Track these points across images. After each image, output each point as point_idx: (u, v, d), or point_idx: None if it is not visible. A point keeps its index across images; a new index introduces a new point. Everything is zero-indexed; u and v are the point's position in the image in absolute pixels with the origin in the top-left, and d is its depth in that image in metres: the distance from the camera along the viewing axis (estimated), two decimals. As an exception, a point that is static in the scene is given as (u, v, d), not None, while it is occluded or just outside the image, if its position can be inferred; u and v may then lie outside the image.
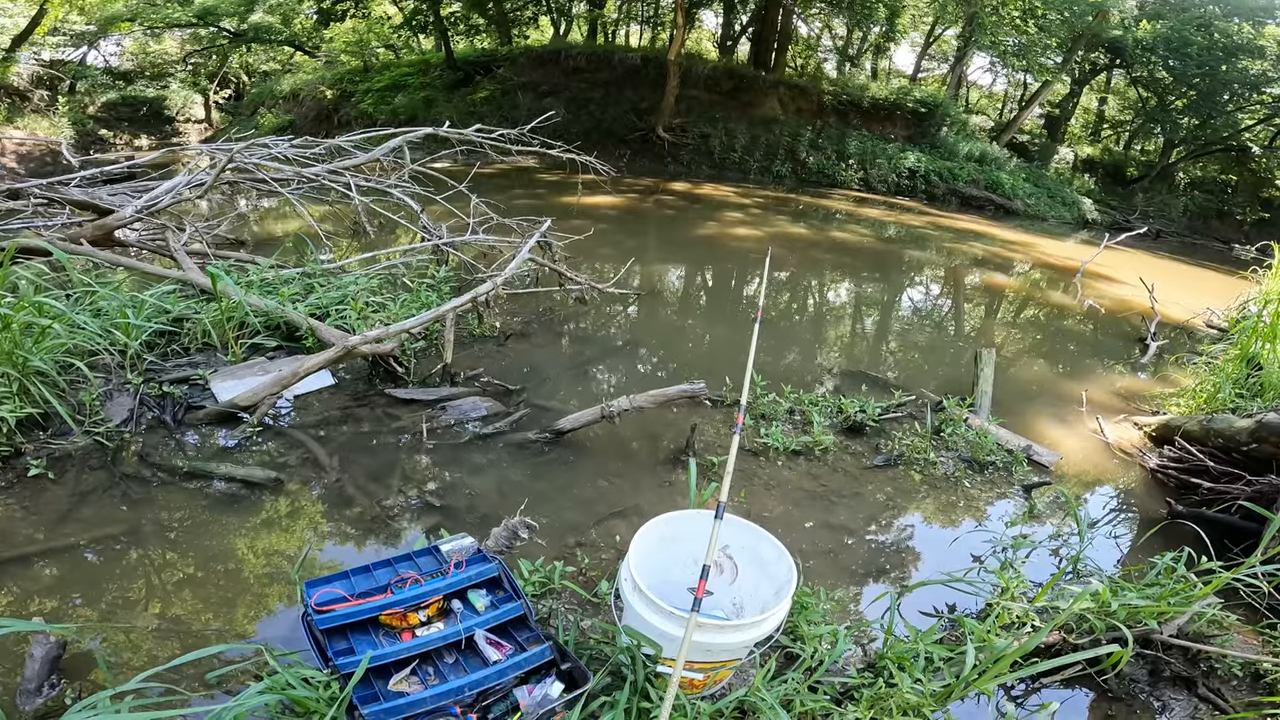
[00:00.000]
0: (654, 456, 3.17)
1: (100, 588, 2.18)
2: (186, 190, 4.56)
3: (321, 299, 3.85)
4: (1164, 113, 22.19)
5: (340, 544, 2.51)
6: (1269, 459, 3.17)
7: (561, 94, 17.78)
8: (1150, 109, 22.99)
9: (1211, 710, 2.14)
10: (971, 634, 2.06)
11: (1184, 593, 2.29)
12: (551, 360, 4.02)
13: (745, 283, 6.90)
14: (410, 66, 21.51)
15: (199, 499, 2.60)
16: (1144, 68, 21.53)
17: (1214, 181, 23.20)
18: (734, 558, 2.11)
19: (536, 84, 18.70)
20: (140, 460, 2.76)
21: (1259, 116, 21.70)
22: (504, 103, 18.09)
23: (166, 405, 3.07)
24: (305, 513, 2.64)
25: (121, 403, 3.03)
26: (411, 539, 2.50)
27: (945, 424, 3.53)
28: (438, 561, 2.08)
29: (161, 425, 2.98)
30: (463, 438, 3.13)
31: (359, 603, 1.86)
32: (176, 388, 3.16)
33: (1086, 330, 6.61)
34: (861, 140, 17.32)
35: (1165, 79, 21.28)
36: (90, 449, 2.76)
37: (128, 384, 3.11)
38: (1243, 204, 22.04)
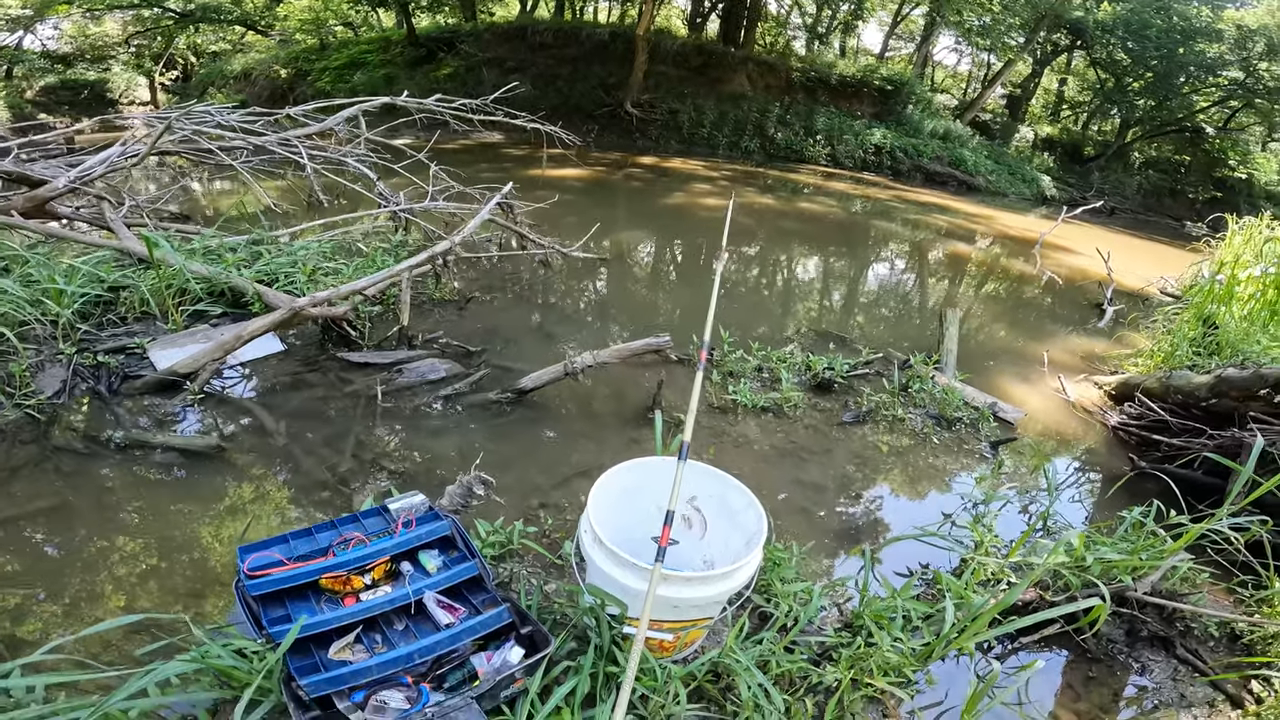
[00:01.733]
0: (620, 414, 3.09)
1: (29, 563, 2.03)
2: (121, 160, 4.29)
3: (269, 265, 3.66)
4: (1121, 94, 22.66)
5: (288, 511, 2.37)
6: (1229, 413, 3.21)
7: (528, 70, 17.44)
8: (1108, 90, 23.45)
9: (1191, 672, 2.12)
10: (949, 590, 2.02)
11: (1155, 548, 2.28)
12: (514, 323, 3.90)
13: (713, 248, 6.82)
14: (370, 44, 20.81)
15: (135, 470, 2.45)
16: (1104, 49, 21.92)
17: (1168, 161, 23.84)
18: (702, 510, 2.02)
19: (502, 60, 18.28)
20: (73, 432, 2.60)
21: (1213, 99, 22.27)
22: (468, 79, 17.68)
23: (102, 375, 2.90)
24: (250, 481, 2.49)
25: (54, 374, 2.86)
26: (361, 496, 2.38)
27: (912, 381, 3.52)
28: (385, 521, 1.96)
29: (96, 396, 2.81)
30: (420, 400, 3.00)
31: (296, 566, 1.73)
32: (112, 357, 2.99)
33: (1046, 297, 6.69)
34: (829, 117, 17.34)
35: (1124, 61, 21.70)
36: (21, 422, 2.59)
37: (60, 354, 2.93)
38: (1195, 183, 22.70)
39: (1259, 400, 3.02)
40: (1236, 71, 20.49)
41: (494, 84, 17.41)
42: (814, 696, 1.78)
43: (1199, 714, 2.00)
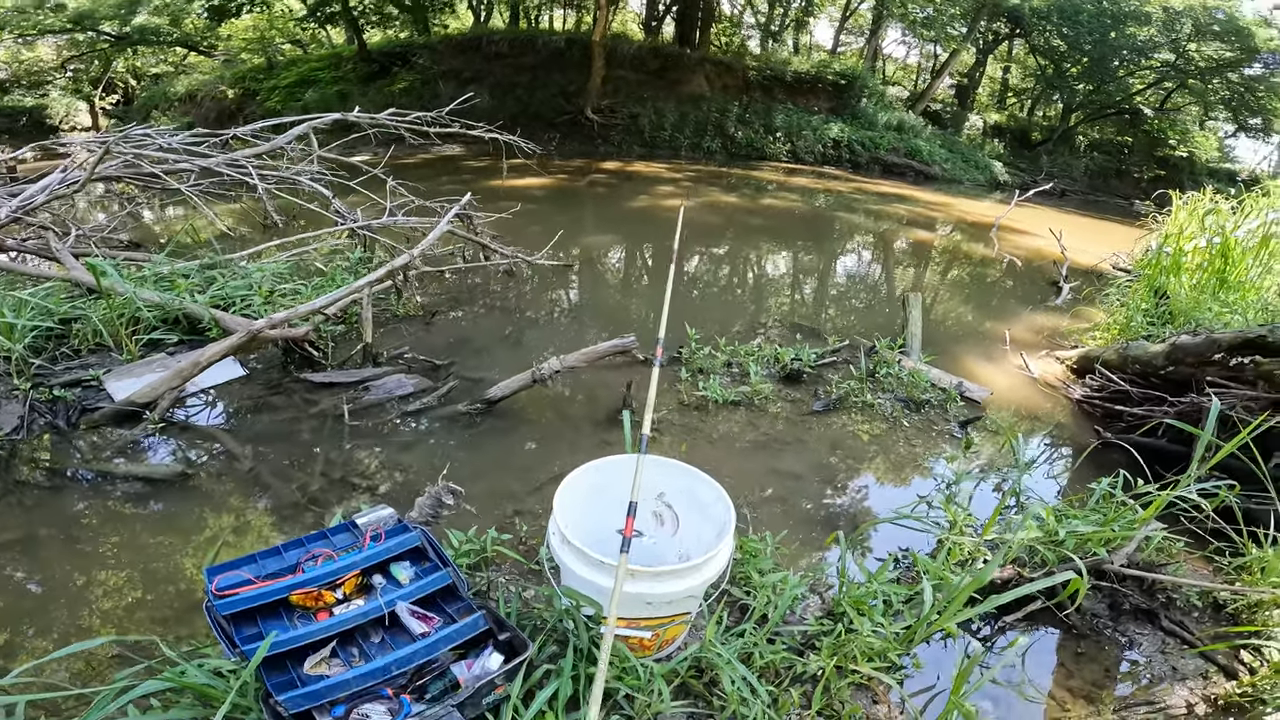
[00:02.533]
0: (592, 417, 3.08)
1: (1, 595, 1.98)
2: (63, 188, 4.16)
3: (224, 289, 3.57)
4: (1061, 79, 23.37)
5: (258, 533, 2.32)
6: (1186, 380, 3.30)
7: (485, 80, 17.32)
8: (1048, 76, 24.17)
9: (1179, 644, 2.14)
10: (926, 571, 2.04)
11: (1126, 518, 2.32)
12: (481, 333, 3.85)
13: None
14: (320, 61, 20.36)
15: (101, 501, 2.39)
16: (1041, 36, 22.59)
17: (1111, 143, 24.63)
18: (673, 506, 2.01)
19: (458, 72, 18.11)
20: (34, 466, 2.54)
21: (1148, 81, 23.06)
22: (424, 93, 17.49)
23: (59, 410, 2.84)
24: (218, 505, 2.44)
25: (10, 410, 2.80)
26: (330, 516, 2.32)
27: (879, 366, 3.56)
28: (354, 536, 1.93)
29: (55, 430, 2.74)
30: (388, 416, 2.96)
31: (265, 584, 1.69)
32: (69, 391, 2.92)
33: (1005, 279, 6.85)
34: (787, 114, 17.55)
35: (1060, 47, 22.39)
36: None
37: (16, 390, 2.86)
38: (1139, 163, 23.48)
39: (1214, 365, 3.11)
40: (1167, 53, 21.27)
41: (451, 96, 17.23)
42: (800, 686, 1.77)
43: (1194, 686, 2.00)
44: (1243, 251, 4.59)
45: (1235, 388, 3.02)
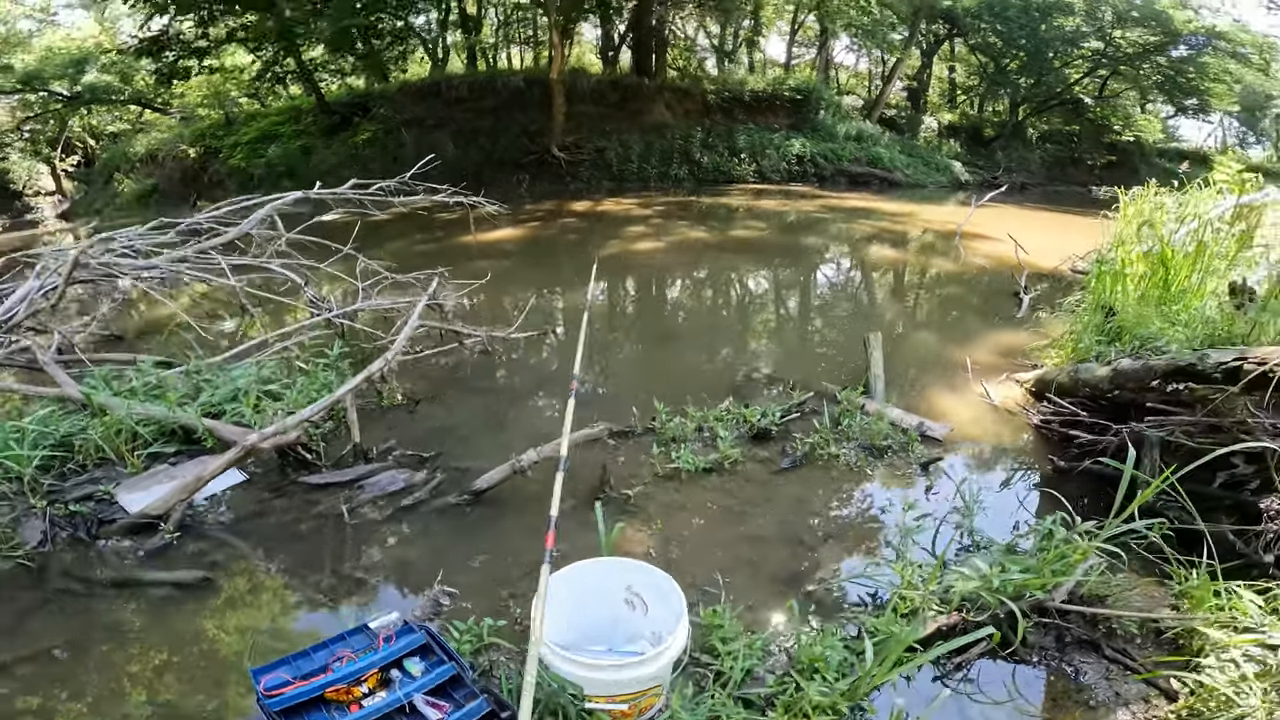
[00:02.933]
0: (574, 496, 3.19)
1: (50, 699, 2.20)
2: (40, 298, 4.26)
3: (213, 397, 3.71)
4: (1002, 75, 24.12)
5: (280, 630, 2.54)
6: (1131, 404, 3.46)
7: (448, 127, 17.49)
8: (990, 73, 24.92)
9: (1123, 670, 2.28)
10: (870, 631, 2.18)
11: (1066, 557, 2.45)
12: (464, 419, 3.98)
13: (646, 301, 7.03)
14: (280, 114, 20.29)
15: (133, 605, 2.62)
16: (977, 34, 23.32)
17: (1060, 133, 25.38)
18: (641, 595, 2.21)
19: (421, 119, 18.23)
20: (67, 576, 2.78)
21: (1083, 70, 23.83)
22: (388, 142, 17.62)
23: (78, 523, 3.07)
24: (241, 605, 2.66)
25: (33, 525, 3.03)
26: (347, 617, 2.54)
27: (843, 415, 3.71)
28: (368, 637, 2.17)
29: (79, 542, 2.98)
30: (385, 512, 3.12)
31: (305, 683, 1.95)
32: (83, 505, 3.14)
33: (968, 293, 7.07)
34: (749, 134, 17.90)
35: (997, 43, 23.15)
36: (15, 572, 2.78)
37: (33, 508, 3.08)
38: (1089, 150, 24.20)
39: (1153, 390, 3.28)
40: (1096, 41, 22.07)
41: (415, 144, 17.46)
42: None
43: (1136, 710, 2.15)
44: (1183, 258, 4.80)
45: (1174, 411, 3.20)
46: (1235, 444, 2.91)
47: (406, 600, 2.62)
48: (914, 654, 2.12)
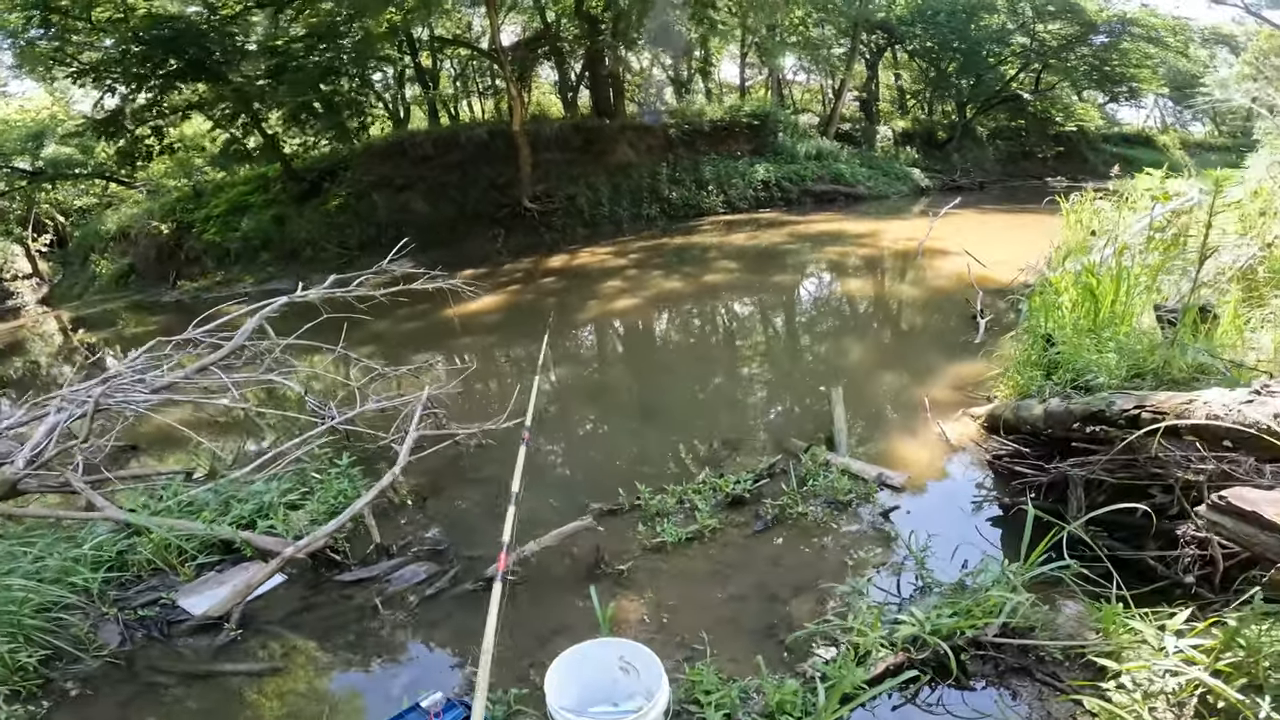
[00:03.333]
0: (574, 575, 3.59)
1: None
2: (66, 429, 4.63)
3: (241, 511, 4.14)
4: (944, 78, 25.10)
5: (345, 707, 3.00)
6: (1064, 440, 3.83)
7: (417, 186, 17.80)
8: (932, 77, 25.87)
9: (1053, 691, 2.59)
10: (823, 675, 2.54)
11: (993, 595, 2.82)
12: (468, 513, 4.38)
13: (625, 370, 7.41)
14: (248, 183, 20.36)
15: (218, 693, 3.09)
16: (914, 40, 24.32)
17: (1009, 129, 26.41)
18: (632, 663, 2.58)
19: (389, 179, 18.47)
20: (154, 670, 3.23)
21: (1017, 66, 24.84)
22: (360, 207, 17.86)
23: (150, 625, 3.51)
24: (308, 689, 3.11)
25: (110, 629, 3.48)
26: (397, 695, 2.90)
27: (808, 475, 4.08)
28: (421, 715, 2.55)
29: (154, 641, 3.43)
30: (412, 602, 3.54)
31: None
32: (149, 610, 3.59)
33: (929, 320, 7.49)
34: (714, 164, 18.45)
35: (933, 48, 24.15)
36: (107, 669, 3.22)
37: (105, 615, 3.52)
38: (1038, 143, 25.19)
39: (1076, 431, 3.68)
40: (1022, 37, 23.16)
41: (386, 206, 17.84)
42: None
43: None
44: (1109, 284, 5.20)
45: (1096, 450, 3.59)
46: (1149, 479, 3.33)
47: (444, 677, 3.05)
48: (861, 692, 2.48)
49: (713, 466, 4.42)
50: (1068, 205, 9.19)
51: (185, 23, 15.41)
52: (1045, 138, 25.03)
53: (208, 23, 15.66)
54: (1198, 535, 3.07)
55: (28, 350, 14.02)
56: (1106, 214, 8.64)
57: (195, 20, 15.60)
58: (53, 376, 10.93)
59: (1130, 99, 27.45)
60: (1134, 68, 23.09)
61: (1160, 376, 3.98)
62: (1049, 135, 25.04)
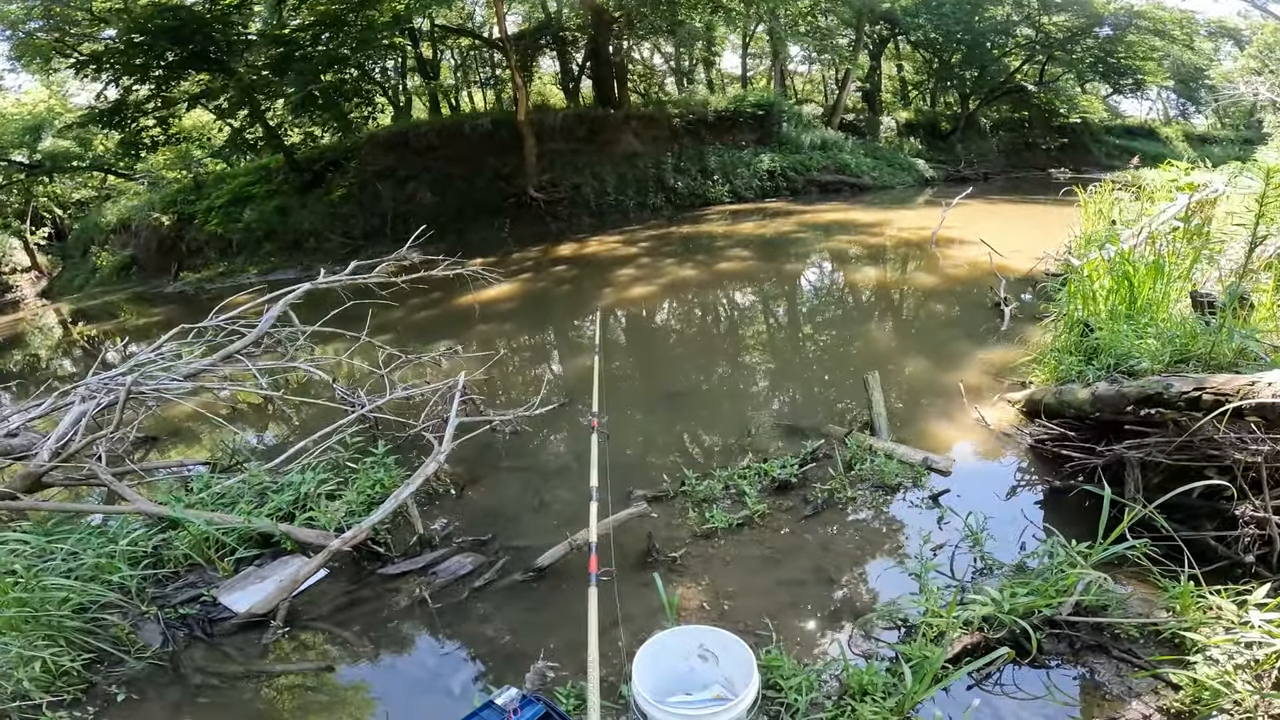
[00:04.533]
0: (625, 563, 3.51)
1: None
2: (92, 419, 4.53)
3: (279, 503, 4.02)
4: (947, 69, 25.09)
5: (406, 706, 2.88)
6: (1113, 423, 3.82)
7: (422, 176, 17.68)
8: (935, 68, 25.83)
9: (1131, 668, 2.58)
10: (906, 656, 2.52)
11: (1069, 571, 2.80)
12: (506, 500, 4.30)
13: (650, 354, 7.37)
14: (249, 174, 20.15)
15: (271, 693, 2.97)
16: (918, 31, 24.28)
17: (1012, 120, 26.45)
18: (712, 650, 2.55)
19: (393, 170, 18.33)
20: (203, 671, 3.10)
21: (1021, 57, 24.82)
22: (364, 197, 17.72)
23: (192, 624, 3.39)
24: (364, 688, 3.02)
25: (151, 629, 3.36)
26: (459, 691, 2.87)
27: (854, 459, 4.05)
28: (498, 712, 2.45)
29: (197, 640, 3.30)
30: (461, 594, 3.44)
31: None
32: (189, 608, 3.47)
33: (952, 308, 7.46)
34: (719, 154, 18.36)
35: (937, 39, 24.12)
36: (151, 671, 3.09)
37: (145, 614, 3.40)
38: (1041, 135, 25.24)
39: (1129, 413, 3.65)
40: (1027, 29, 23.10)
41: (392, 197, 17.71)
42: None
43: (1147, 700, 2.45)
44: (1145, 271, 5.18)
45: (1150, 432, 3.57)
46: (1205, 460, 3.31)
47: (505, 672, 2.93)
48: (946, 671, 2.46)
49: (752, 453, 4.38)
50: (1085, 196, 9.17)
51: (187, 12, 15.22)
52: (1049, 129, 25.06)
53: (210, 12, 15.46)
54: (1256, 515, 3.09)
55: (27, 344, 13.85)
56: (1127, 205, 8.63)
57: (198, 10, 15.40)
58: (52, 370, 10.81)
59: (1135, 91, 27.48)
60: (1140, 60, 23.10)
61: (1205, 362, 3.96)
62: (1052, 127, 25.07)
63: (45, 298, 21.18)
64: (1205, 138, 30.32)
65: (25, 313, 18.69)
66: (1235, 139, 27.42)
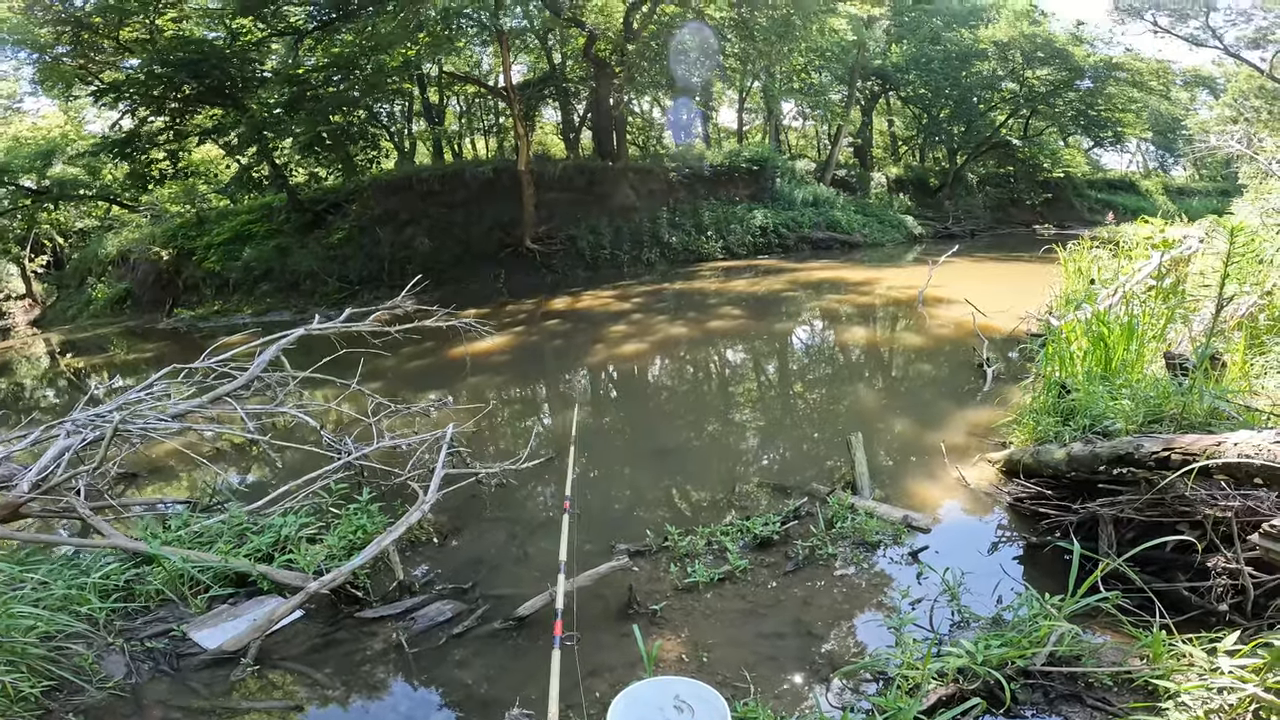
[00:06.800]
0: (606, 615, 3.54)
1: None
2: (75, 453, 4.57)
3: (258, 544, 4.04)
4: (936, 124, 26.00)
5: None
6: (1087, 482, 3.91)
7: (421, 221, 17.95)
8: (925, 124, 26.77)
9: (1106, 716, 2.60)
10: (880, 708, 2.54)
11: (1043, 624, 2.84)
12: (490, 551, 4.31)
13: (640, 412, 7.48)
14: (251, 212, 20.42)
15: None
16: (908, 86, 25.28)
17: (998, 175, 27.29)
18: (688, 701, 2.53)
19: (394, 214, 18.62)
20: (166, 705, 3.06)
21: (1007, 112, 25.73)
22: (364, 240, 17.94)
23: (158, 657, 3.36)
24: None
25: (115, 660, 3.32)
26: None
27: (836, 517, 4.09)
28: None
29: (163, 674, 3.26)
30: (439, 640, 3.43)
31: None
32: (157, 642, 3.44)
33: (936, 369, 7.59)
34: (713, 209, 18.78)
35: (926, 94, 25.07)
36: (111, 702, 3.06)
37: (111, 645, 3.36)
38: (1026, 190, 26.01)
39: (1103, 472, 3.74)
40: (1012, 83, 24.05)
41: (391, 242, 17.99)
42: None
43: None
44: (1119, 333, 5.33)
45: (1122, 490, 3.65)
46: (1176, 516, 3.39)
47: (480, 718, 2.91)
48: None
49: (736, 510, 4.44)
50: (1065, 254, 9.43)
51: (210, 47, 15.79)
52: (1034, 184, 25.86)
53: (230, 48, 16.02)
54: (1229, 566, 3.17)
55: (13, 372, 13.78)
56: (1105, 262, 8.88)
57: (219, 45, 15.97)
58: (35, 400, 10.77)
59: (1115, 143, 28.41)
60: (1119, 112, 24.00)
61: (1178, 421, 4.06)
62: (1037, 182, 25.88)
63: (37, 326, 21.17)
64: (1184, 190, 31.28)
65: (14, 341, 18.66)
66: (1213, 190, 28.26)
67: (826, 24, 17.35)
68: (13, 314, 22.38)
